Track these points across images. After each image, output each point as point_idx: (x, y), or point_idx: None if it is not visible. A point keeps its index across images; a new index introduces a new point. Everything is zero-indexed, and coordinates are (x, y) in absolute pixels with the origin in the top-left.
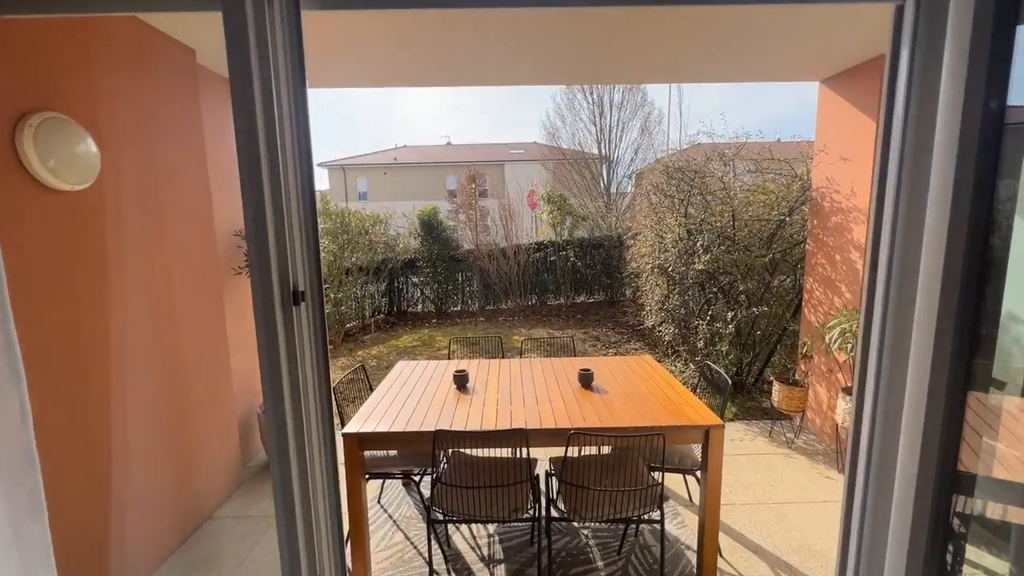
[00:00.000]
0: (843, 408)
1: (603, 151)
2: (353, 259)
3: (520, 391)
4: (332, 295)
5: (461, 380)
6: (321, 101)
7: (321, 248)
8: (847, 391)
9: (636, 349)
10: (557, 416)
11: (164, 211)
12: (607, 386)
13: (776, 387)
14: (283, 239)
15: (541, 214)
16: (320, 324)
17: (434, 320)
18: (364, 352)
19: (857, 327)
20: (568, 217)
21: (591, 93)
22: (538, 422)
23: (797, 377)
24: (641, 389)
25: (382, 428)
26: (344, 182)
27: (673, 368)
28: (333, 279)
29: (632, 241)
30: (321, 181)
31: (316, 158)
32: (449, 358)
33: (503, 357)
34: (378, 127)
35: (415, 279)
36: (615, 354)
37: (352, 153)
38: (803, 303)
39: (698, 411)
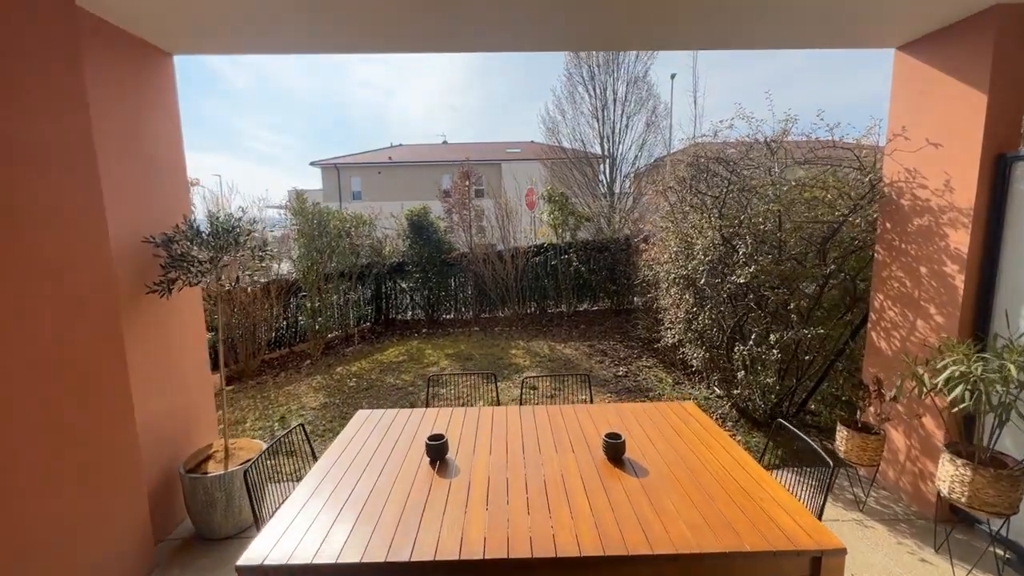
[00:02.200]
0: (951, 474)
1: (606, 148)
2: (332, 264)
3: (521, 469)
4: (309, 305)
5: (436, 452)
6: (315, 101)
7: (296, 251)
8: (956, 451)
9: (649, 367)
10: (580, 525)
11: (20, 211)
12: (645, 460)
13: (844, 434)
14: None
15: (541, 214)
16: None
17: (424, 330)
18: (344, 368)
19: (983, 369)
20: (570, 217)
21: (593, 87)
22: (550, 543)
23: (864, 418)
24: (695, 466)
25: (301, 558)
26: (338, 181)
27: (696, 394)
28: (311, 287)
29: (645, 245)
30: (313, 180)
31: (309, 157)
32: (427, 404)
33: (497, 397)
34: (373, 127)
35: (404, 284)
36: (625, 373)
37: (346, 152)
38: (869, 325)
39: (795, 515)
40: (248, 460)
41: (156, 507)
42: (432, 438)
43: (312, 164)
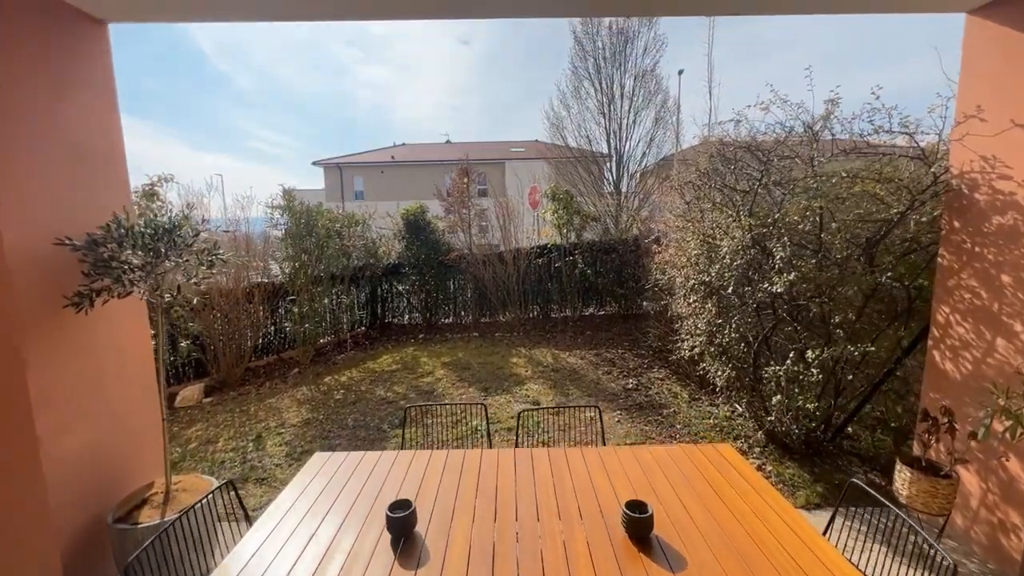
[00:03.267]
0: None
1: (613, 144)
2: (321, 267)
3: (512, 552)
4: (296, 309)
5: (401, 527)
6: (318, 101)
7: (281, 253)
8: None
9: (661, 379)
10: None
11: None
12: (680, 537)
13: (907, 475)
14: None
15: (544, 213)
16: None
17: (422, 335)
18: (333, 378)
19: None
20: (575, 217)
21: (599, 81)
22: None
23: (927, 455)
24: (748, 551)
25: None
26: (340, 181)
27: (716, 412)
28: (298, 290)
29: (656, 246)
30: (316, 180)
31: (312, 157)
32: (403, 444)
33: (488, 432)
34: (376, 128)
35: (400, 287)
36: (636, 386)
37: (349, 152)
38: (931, 343)
39: None
40: (185, 508)
41: (78, 564)
42: (395, 507)
43: (314, 164)
